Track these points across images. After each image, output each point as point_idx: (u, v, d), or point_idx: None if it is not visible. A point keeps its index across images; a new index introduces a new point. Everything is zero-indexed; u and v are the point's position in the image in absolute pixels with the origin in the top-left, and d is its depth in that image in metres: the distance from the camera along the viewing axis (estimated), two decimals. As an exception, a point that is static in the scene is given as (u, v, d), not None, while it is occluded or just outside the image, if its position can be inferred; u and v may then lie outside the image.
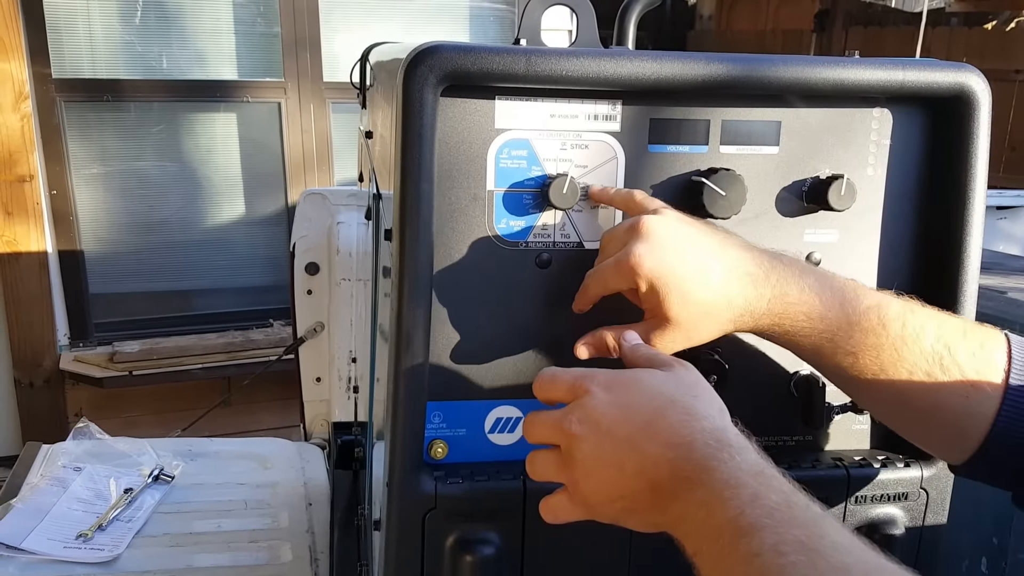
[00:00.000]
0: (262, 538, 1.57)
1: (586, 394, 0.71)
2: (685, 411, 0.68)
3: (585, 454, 0.69)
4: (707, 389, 0.72)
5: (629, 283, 0.78)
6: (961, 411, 0.77)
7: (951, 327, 0.79)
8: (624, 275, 0.77)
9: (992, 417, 0.76)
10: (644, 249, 0.76)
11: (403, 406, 0.82)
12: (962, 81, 0.86)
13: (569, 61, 0.79)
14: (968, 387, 0.77)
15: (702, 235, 0.78)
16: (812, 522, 0.59)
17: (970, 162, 0.88)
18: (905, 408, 0.80)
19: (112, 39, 3.59)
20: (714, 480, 0.63)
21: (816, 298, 0.77)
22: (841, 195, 0.86)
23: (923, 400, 0.78)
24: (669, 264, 0.76)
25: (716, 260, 0.77)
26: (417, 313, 0.81)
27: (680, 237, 0.77)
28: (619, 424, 0.68)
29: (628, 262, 0.76)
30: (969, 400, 0.77)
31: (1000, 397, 0.76)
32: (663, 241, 0.77)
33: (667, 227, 0.77)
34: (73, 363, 3.53)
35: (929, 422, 0.80)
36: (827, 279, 0.79)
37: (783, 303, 0.77)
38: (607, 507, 0.70)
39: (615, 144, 0.86)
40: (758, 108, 0.87)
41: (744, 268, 0.77)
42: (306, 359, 2.17)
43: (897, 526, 0.92)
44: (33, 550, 1.43)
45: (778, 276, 0.77)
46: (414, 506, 0.84)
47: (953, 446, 0.80)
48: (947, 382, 0.77)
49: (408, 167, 0.78)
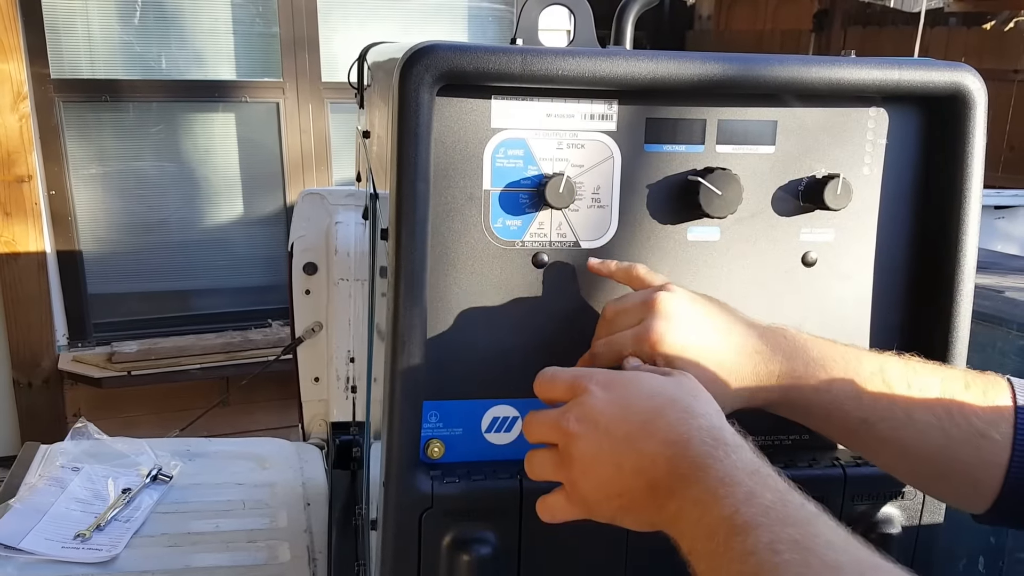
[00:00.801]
0: (260, 538, 1.57)
1: (585, 393, 0.71)
2: (683, 410, 0.69)
3: (583, 452, 0.70)
4: (706, 393, 0.72)
5: (646, 357, 0.79)
6: (974, 462, 0.77)
7: (954, 380, 0.79)
8: (643, 350, 0.78)
9: (1005, 465, 0.76)
10: (664, 326, 0.77)
11: (399, 405, 0.82)
12: (958, 80, 0.86)
13: (565, 60, 0.79)
14: (978, 437, 0.77)
15: (712, 313, 0.79)
16: (807, 520, 0.59)
17: (966, 161, 0.88)
18: (921, 465, 0.80)
19: (110, 39, 3.59)
20: (709, 478, 0.63)
21: (822, 371, 0.78)
22: (837, 194, 0.86)
23: (937, 456, 0.78)
24: (687, 342, 0.77)
25: (728, 338, 0.78)
26: (413, 312, 0.81)
27: (694, 315, 0.78)
28: (617, 423, 0.69)
29: (649, 338, 0.77)
30: (981, 451, 0.77)
31: (1010, 444, 0.77)
32: (680, 319, 0.78)
33: (682, 305, 0.78)
34: (72, 363, 3.53)
35: (946, 477, 0.80)
36: (829, 350, 0.80)
37: (791, 377, 0.78)
38: (604, 506, 0.71)
39: (611, 143, 0.86)
40: (754, 108, 0.87)
41: (753, 346, 0.78)
42: (304, 359, 2.18)
43: (894, 525, 0.92)
44: (31, 550, 1.43)
45: (784, 352, 0.78)
46: (411, 505, 0.84)
47: (972, 497, 0.80)
48: (957, 435, 0.77)
49: (404, 166, 0.79)
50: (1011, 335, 1.39)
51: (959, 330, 0.90)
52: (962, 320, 0.90)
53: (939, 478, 0.81)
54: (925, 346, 0.90)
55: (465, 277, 0.85)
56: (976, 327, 0.96)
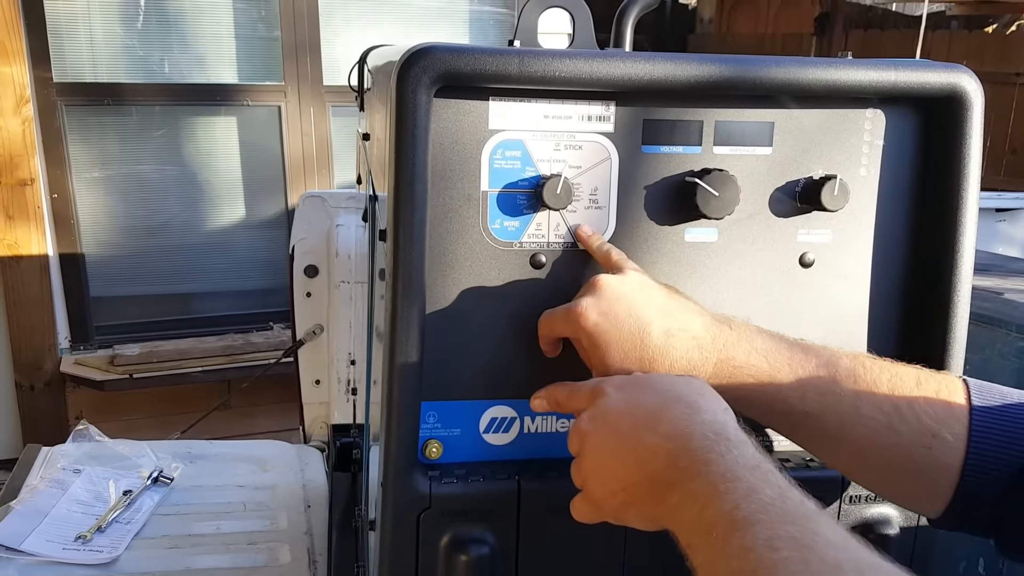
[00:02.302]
0: (261, 540, 1.57)
1: (602, 395, 0.74)
2: (687, 405, 0.70)
3: (592, 448, 0.73)
4: (713, 392, 0.73)
5: (573, 332, 0.80)
6: (927, 463, 0.76)
7: (905, 378, 0.78)
8: (569, 323, 0.80)
9: (959, 467, 0.75)
10: (592, 303, 0.78)
11: (398, 406, 0.82)
12: (954, 81, 0.87)
13: (562, 62, 0.80)
14: (929, 438, 0.76)
15: (656, 297, 0.80)
16: (806, 518, 0.59)
17: (963, 162, 0.88)
18: (871, 465, 0.79)
19: (113, 43, 3.59)
20: (711, 473, 0.64)
21: (764, 361, 0.78)
22: (834, 195, 0.86)
23: (888, 455, 0.77)
24: (612, 320, 0.78)
25: (662, 321, 0.78)
26: (411, 313, 0.81)
27: (631, 297, 0.79)
28: (624, 418, 0.71)
29: (575, 310, 0.79)
30: (932, 451, 0.76)
31: (964, 445, 0.75)
32: (612, 298, 0.78)
33: (621, 286, 0.79)
34: (74, 366, 3.54)
35: (898, 478, 0.79)
36: (776, 342, 0.80)
37: (730, 367, 0.78)
38: (610, 501, 0.72)
39: (608, 145, 0.86)
40: (751, 109, 0.87)
41: (691, 332, 0.78)
42: (305, 362, 2.17)
43: (892, 526, 0.92)
44: (32, 552, 1.43)
45: (725, 341, 0.78)
46: (409, 506, 0.84)
47: (926, 500, 0.78)
48: (907, 434, 0.76)
49: (402, 168, 0.79)
50: (1011, 336, 1.39)
51: (957, 331, 0.90)
52: (959, 321, 0.90)
53: (891, 479, 0.80)
54: (923, 347, 0.91)
55: (463, 278, 0.85)
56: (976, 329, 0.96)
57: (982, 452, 0.75)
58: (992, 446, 0.75)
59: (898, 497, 0.84)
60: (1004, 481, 0.74)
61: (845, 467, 0.83)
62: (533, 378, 0.88)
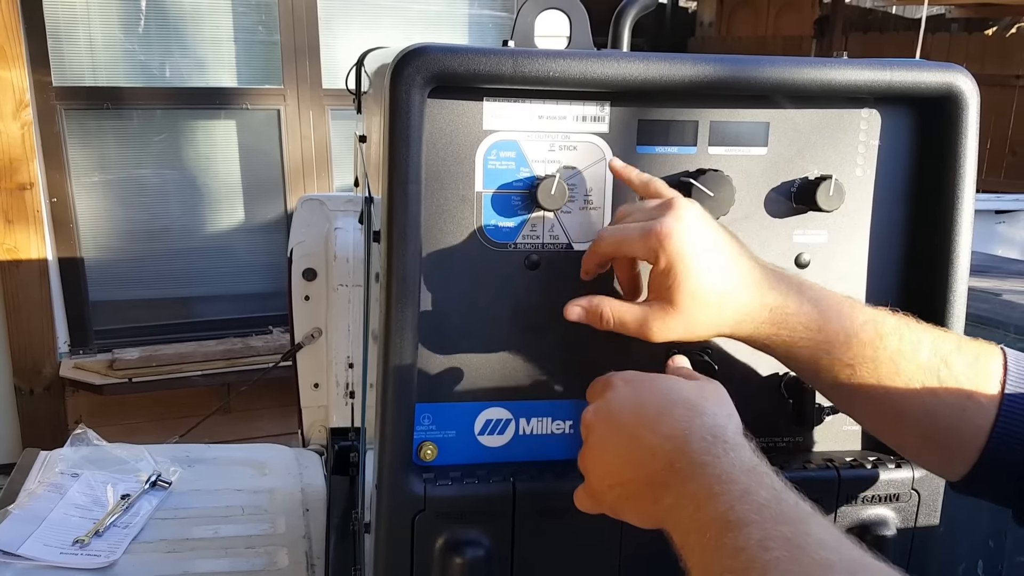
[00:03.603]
0: (259, 544, 1.56)
1: (610, 388, 0.75)
2: (689, 408, 0.70)
3: (595, 441, 0.74)
4: (724, 398, 0.73)
5: (649, 253, 0.76)
6: (958, 424, 0.77)
7: (947, 340, 0.79)
8: (649, 244, 0.76)
9: (988, 429, 0.76)
10: (676, 225, 0.75)
11: (392, 408, 0.82)
12: (950, 81, 0.86)
13: (556, 62, 0.80)
14: (965, 399, 0.76)
15: (724, 235, 0.78)
16: (800, 519, 0.59)
17: (959, 162, 0.88)
18: (902, 422, 0.79)
19: (112, 47, 3.60)
20: (707, 474, 0.64)
21: (815, 310, 0.77)
22: (830, 196, 0.86)
23: (920, 413, 0.77)
24: (696, 248, 0.75)
25: (734, 260, 0.77)
26: (405, 314, 0.81)
27: (709, 229, 0.77)
28: (628, 415, 0.72)
29: (658, 231, 0.75)
30: (966, 412, 0.76)
31: (996, 408, 0.76)
32: (695, 226, 0.76)
33: (700, 215, 0.77)
34: (73, 370, 3.53)
35: (927, 436, 0.79)
36: (825, 294, 0.79)
37: (783, 313, 0.77)
38: (607, 494, 0.73)
39: (603, 145, 0.86)
40: (746, 109, 0.87)
41: (754, 276, 0.77)
42: (304, 365, 2.17)
43: (889, 527, 0.91)
44: (30, 556, 1.43)
45: (782, 288, 0.78)
46: (403, 508, 0.84)
47: (951, 460, 0.79)
48: (944, 395, 0.77)
49: (396, 168, 0.79)
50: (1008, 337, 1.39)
51: (953, 330, 0.89)
52: (956, 321, 0.90)
53: (920, 437, 0.80)
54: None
55: (457, 279, 0.85)
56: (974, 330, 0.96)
57: (1012, 416, 0.75)
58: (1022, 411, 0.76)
59: (923, 457, 0.84)
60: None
61: (875, 423, 0.83)
62: (528, 380, 0.88)
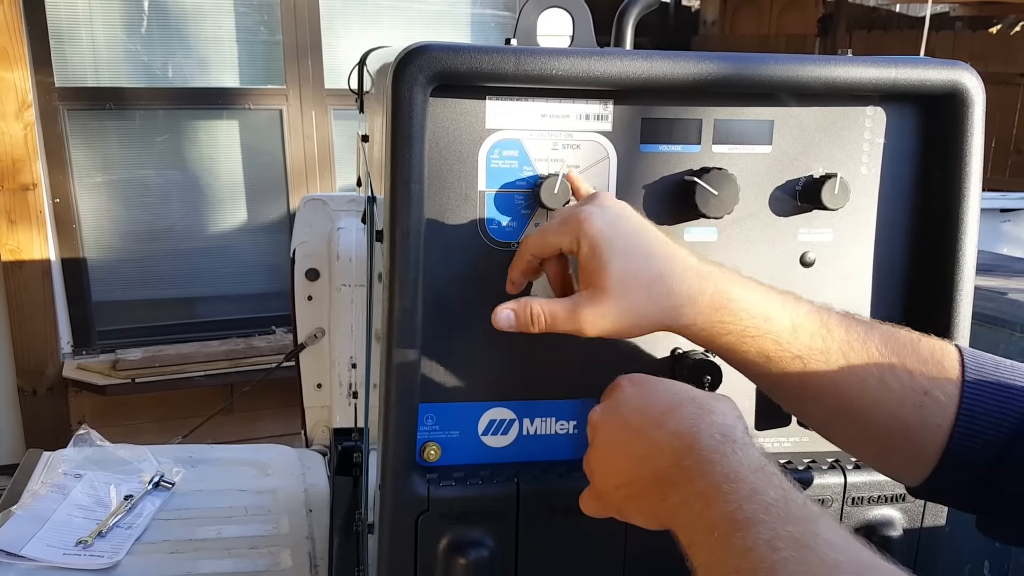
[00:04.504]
0: (262, 544, 1.56)
1: (617, 389, 0.75)
2: (699, 406, 0.70)
3: (601, 440, 0.73)
4: (732, 403, 0.72)
5: (571, 240, 0.75)
6: (916, 423, 0.74)
7: (899, 335, 0.76)
8: (568, 229, 0.75)
9: (948, 427, 0.73)
10: (596, 210, 0.75)
11: (395, 408, 0.82)
12: (955, 78, 0.86)
13: (559, 60, 0.79)
14: (921, 395, 0.74)
15: (650, 224, 0.77)
16: (808, 519, 0.59)
17: (965, 160, 0.87)
18: (857, 422, 0.77)
19: (115, 47, 3.60)
20: (715, 473, 0.64)
21: (759, 297, 0.76)
22: (835, 194, 0.85)
23: (875, 412, 0.75)
24: (617, 230, 0.74)
25: (663, 245, 0.75)
26: (408, 314, 0.80)
27: (632, 215, 0.76)
28: (635, 413, 0.71)
29: (577, 215, 0.74)
30: (924, 410, 0.73)
31: (955, 407, 0.73)
32: (616, 211, 0.75)
33: (622, 205, 0.77)
34: (76, 371, 3.54)
35: (884, 437, 0.76)
36: (767, 286, 0.77)
37: (726, 298, 0.75)
38: (614, 495, 0.72)
39: (607, 144, 0.85)
40: (751, 107, 0.87)
41: (688, 261, 0.75)
42: (307, 365, 2.17)
43: (895, 528, 0.91)
44: (33, 557, 1.43)
45: (720, 275, 0.76)
46: (407, 508, 0.84)
47: (910, 463, 0.76)
48: (899, 391, 0.74)
49: (398, 167, 0.78)
50: (1014, 337, 1.38)
51: (959, 330, 0.89)
52: (962, 320, 0.89)
53: (878, 439, 0.76)
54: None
55: (460, 278, 0.84)
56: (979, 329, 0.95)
57: (974, 414, 0.73)
58: (983, 408, 0.73)
59: (881, 460, 0.81)
60: (994, 446, 0.72)
61: (827, 424, 0.81)
62: (532, 379, 0.87)
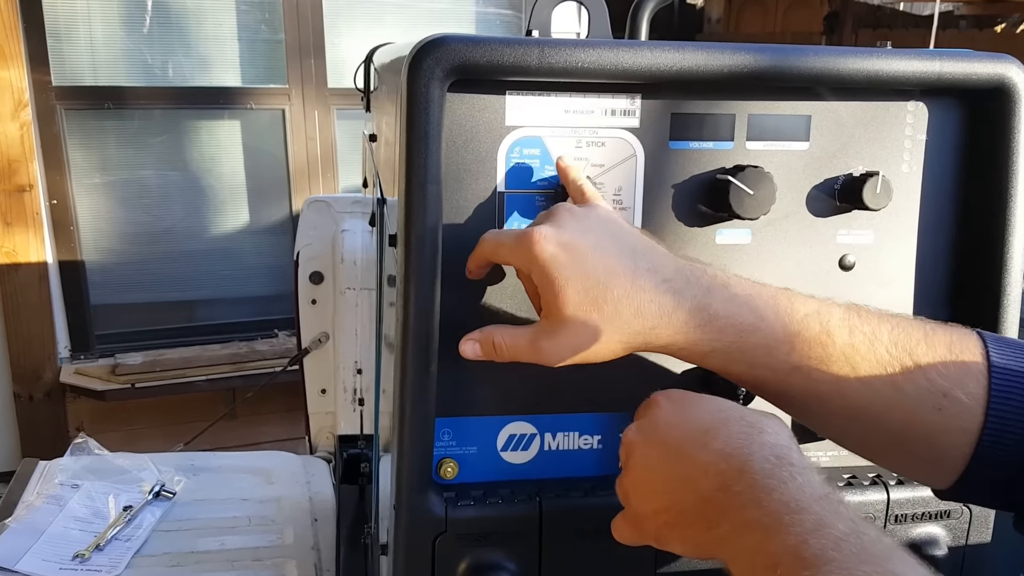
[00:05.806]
0: (267, 556, 1.53)
1: (654, 406, 0.68)
2: (748, 424, 0.63)
3: (636, 462, 0.67)
4: (780, 420, 0.66)
5: (523, 263, 0.70)
6: (936, 426, 0.67)
7: (909, 329, 0.69)
8: (520, 251, 0.69)
9: (976, 431, 0.66)
10: (550, 232, 0.68)
11: (410, 423, 0.77)
12: (1002, 72, 0.82)
13: (585, 52, 0.74)
14: (939, 398, 0.67)
15: (625, 236, 0.70)
16: (884, 557, 0.52)
17: (1011, 158, 0.83)
18: (872, 430, 0.70)
19: (113, 46, 3.57)
20: (772, 501, 0.57)
21: (745, 308, 0.69)
22: (876, 193, 0.81)
23: (890, 418, 0.68)
24: (573, 254, 0.68)
25: (630, 260, 0.69)
26: (424, 323, 0.75)
27: (597, 231, 0.69)
28: (674, 431, 0.65)
29: (530, 237, 0.68)
30: (944, 412, 0.67)
31: (982, 408, 0.66)
32: (576, 230, 0.69)
33: (586, 218, 0.70)
34: (74, 376, 3.50)
35: (903, 443, 0.69)
36: (757, 289, 0.71)
37: (707, 313, 0.68)
38: (652, 520, 0.66)
39: (634, 141, 0.81)
40: (786, 101, 0.82)
41: (662, 275, 0.69)
42: (311, 370, 2.14)
43: (940, 546, 0.86)
44: (28, 572, 1.40)
45: (700, 286, 0.69)
46: (423, 529, 0.79)
47: (936, 468, 0.70)
48: (913, 393, 0.67)
49: (413, 167, 0.74)
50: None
51: (1006, 335, 0.84)
52: (1010, 324, 0.85)
53: (896, 446, 0.70)
54: (971, 355, 0.85)
55: (478, 285, 0.80)
56: None
57: (1004, 414, 0.66)
58: (1015, 404, 0.66)
59: (903, 467, 0.75)
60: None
61: (840, 433, 0.74)
62: (554, 392, 0.83)
